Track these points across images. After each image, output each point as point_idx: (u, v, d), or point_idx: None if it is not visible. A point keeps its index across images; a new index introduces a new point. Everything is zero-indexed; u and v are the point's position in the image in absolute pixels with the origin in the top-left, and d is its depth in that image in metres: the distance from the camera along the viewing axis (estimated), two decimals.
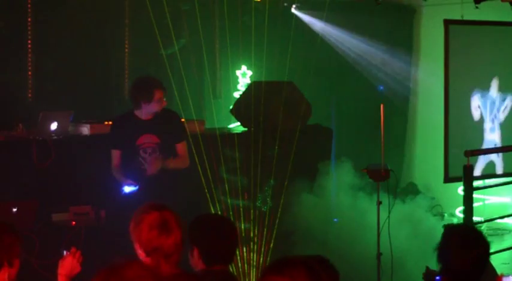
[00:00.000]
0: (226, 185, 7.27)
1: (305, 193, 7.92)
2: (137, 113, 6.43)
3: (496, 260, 8.11)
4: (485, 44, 9.28)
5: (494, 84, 9.36)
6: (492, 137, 9.39)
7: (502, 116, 9.49)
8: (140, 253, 3.53)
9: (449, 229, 4.07)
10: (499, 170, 9.35)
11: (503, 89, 9.44)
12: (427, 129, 10.75)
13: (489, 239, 3.97)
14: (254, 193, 7.45)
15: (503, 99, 9.47)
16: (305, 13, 10.09)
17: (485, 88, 9.36)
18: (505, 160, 9.35)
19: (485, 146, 9.27)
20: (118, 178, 6.41)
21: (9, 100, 7.73)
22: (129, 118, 6.47)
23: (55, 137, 6.75)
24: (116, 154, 6.43)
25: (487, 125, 9.36)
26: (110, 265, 2.48)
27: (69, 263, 3.92)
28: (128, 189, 6.29)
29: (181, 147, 6.53)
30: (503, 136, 9.44)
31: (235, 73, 9.63)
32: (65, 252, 3.97)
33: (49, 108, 7.11)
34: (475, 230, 4.04)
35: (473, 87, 9.25)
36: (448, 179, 8.84)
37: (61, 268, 3.94)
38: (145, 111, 6.39)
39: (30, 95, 7.95)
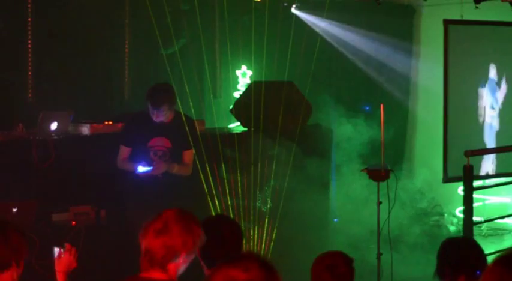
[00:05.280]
0: (226, 185, 7.27)
1: (305, 193, 7.91)
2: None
3: None
4: (485, 44, 9.28)
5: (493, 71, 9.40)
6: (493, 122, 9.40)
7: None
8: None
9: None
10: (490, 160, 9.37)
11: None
12: (427, 129, 10.76)
13: (489, 239, 3.97)
14: (254, 193, 7.45)
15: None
16: (305, 13, 10.09)
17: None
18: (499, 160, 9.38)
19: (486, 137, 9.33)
20: (125, 167, 6.40)
21: (9, 100, 7.72)
22: (144, 117, 6.42)
23: (55, 137, 6.74)
24: (125, 150, 6.43)
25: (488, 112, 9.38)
26: None
27: (65, 259, 3.98)
28: (142, 169, 6.30)
29: (188, 155, 6.51)
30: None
31: (235, 73, 9.63)
32: (56, 249, 4.00)
33: (49, 108, 7.11)
34: None
35: (473, 86, 9.27)
36: (448, 178, 8.84)
37: (58, 265, 3.99)
38: (154, 117, 6.36)
39: (30, 95, 7.93)
